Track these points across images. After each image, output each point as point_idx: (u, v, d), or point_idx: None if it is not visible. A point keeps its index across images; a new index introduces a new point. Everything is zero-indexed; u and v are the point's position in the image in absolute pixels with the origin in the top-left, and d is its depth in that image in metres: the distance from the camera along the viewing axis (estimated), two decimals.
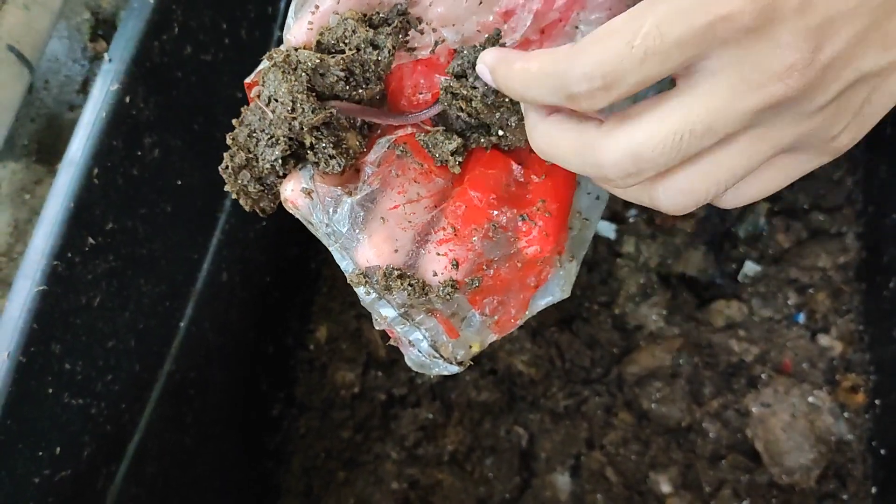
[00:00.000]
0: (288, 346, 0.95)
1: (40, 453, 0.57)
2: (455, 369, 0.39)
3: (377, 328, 0.40)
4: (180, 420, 0.74)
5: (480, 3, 0.39)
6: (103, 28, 0.92)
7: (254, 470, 0.89)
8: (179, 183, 0.70)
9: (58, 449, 0.58)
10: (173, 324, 0.72)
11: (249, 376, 0.88)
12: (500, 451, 0.87)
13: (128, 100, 0.63)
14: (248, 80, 0.38)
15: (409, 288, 0.37)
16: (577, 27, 0.40)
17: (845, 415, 0.82)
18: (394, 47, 0.37)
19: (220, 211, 0.78)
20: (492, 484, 0.86)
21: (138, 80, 0.64)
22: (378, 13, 0.38)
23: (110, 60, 0.63)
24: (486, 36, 0.39)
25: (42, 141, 0.87)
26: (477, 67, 0.35)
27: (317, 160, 0.37)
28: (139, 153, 0.65)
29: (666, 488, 0.82)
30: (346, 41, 0.36)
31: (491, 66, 0.34)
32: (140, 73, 0.64)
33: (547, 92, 0.31)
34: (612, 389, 0.88)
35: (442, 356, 0.39)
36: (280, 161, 0.37)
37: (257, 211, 0.39)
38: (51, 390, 0.58)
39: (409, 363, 0.40)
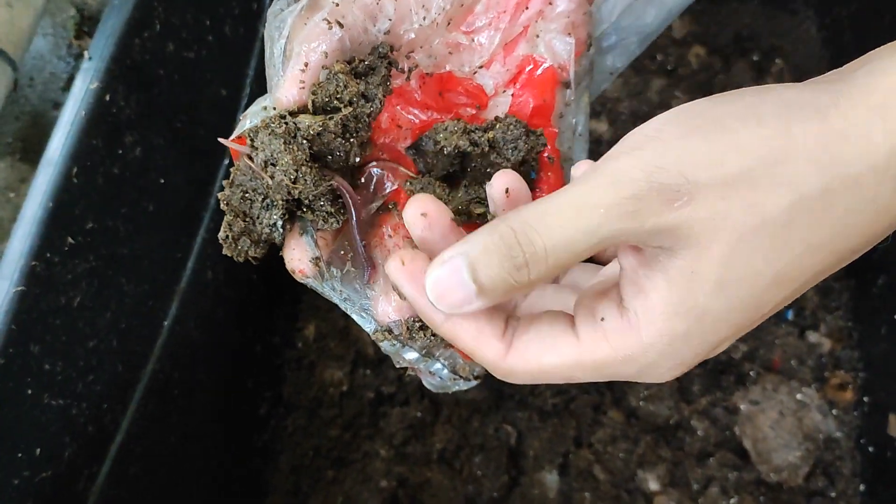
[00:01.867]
0: (275, 345, 0.94)
1: (19, 455, 0.57)
2: (473, 383, 0.41)
3: (398, 366, 0.41)
4: (165, 420, 0.74)
5: (449, 23, 0.39)
6: (88, 25, 0.92)
7: (241, 469, 0.88)
8: (162, 181, 0.70)
9: (37, 450, 0.58)
10: (157, 323, 0.72)
11: (236, 375, 0.88)
12: (488, 449, 0.87)
13: (108, 98, 0.62)
14: (232, 138, 0.38)
15: (432, 336, 0.38)
16: (536, 36, 0.41)
17: (834, 412, 0.82)
18: (384, 96, 0.37)
19: (204, 209, 0.77)
20: (480, 482, 0.85)
21: (119, 78, 0.63)
22: (362, 60, 0.37)
23: (90, 58, 0.62)
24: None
25: (26, 139, 0.87)
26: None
27: (314, 218, 0.37)
28: (120, 152, 0.64)
29: (654, 486, 0.81)
30: (339, 97, 0.35)
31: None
32: (121, 71, 0.63)
33: None
34: (601, 387, 0.88)
35: (461, 376, 0.41)
36: (279, 223, 0.37)
37: (250, 260, 0.39)
38: (30, 391, 0.57)
39: (428, 387, 0.42)
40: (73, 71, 0.90)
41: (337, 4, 0.36)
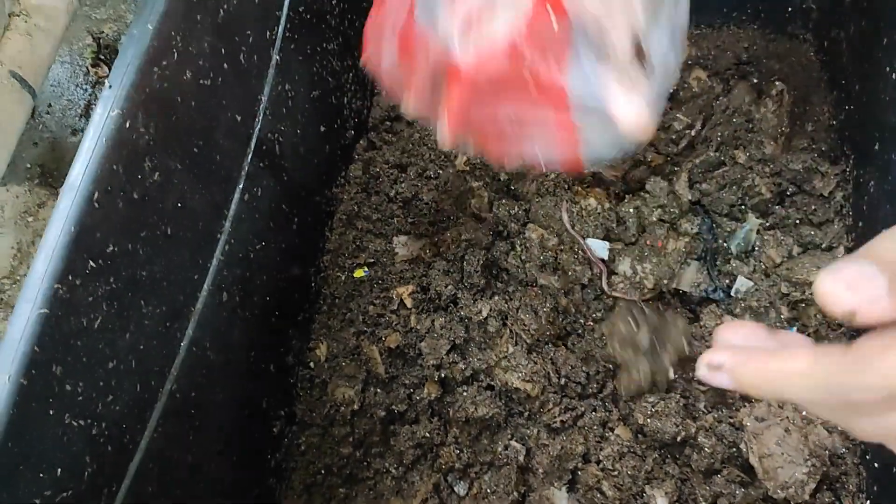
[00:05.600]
0: (288, 365, 0.96)
1: (41, 475, 0.58)
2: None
3: None
4: (181, 439, 0.75)
5: None
6: (105, 53, 0.94)
7: (255, 487, 0.89)
8: (180, 205, 0.72)
9: (59, 470, 0.59)
10: (174, 344, 0.73)
11: (250, 394, 0.89)
12: (497, 466, 0.88)
13: (128, 125, 0.64)
14: None
15: None
16: None
17: (839, 428, 0.83)
18: None
19: (220, 232, 0.79)
20: (490, 499, 0.86)
21: (138, 106, 0.65)
22: None
23: (110, 87, 0.64)
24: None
25: (45, 165, 0.89)
26: (700, 372, 0.35)
27: None
28: (140, 177, 0.66)
29: (662, 502, 0.82)
30: None
31: (730, 367, 0.34)
32: (140, 99, 0.65)
33: (813, 394, 0.31)
34: (608, 404, 0.89)
35: None
36: None
37: None
38: (52, 412, 0.58)
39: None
40: (90, 98, 0.93)
41: None
